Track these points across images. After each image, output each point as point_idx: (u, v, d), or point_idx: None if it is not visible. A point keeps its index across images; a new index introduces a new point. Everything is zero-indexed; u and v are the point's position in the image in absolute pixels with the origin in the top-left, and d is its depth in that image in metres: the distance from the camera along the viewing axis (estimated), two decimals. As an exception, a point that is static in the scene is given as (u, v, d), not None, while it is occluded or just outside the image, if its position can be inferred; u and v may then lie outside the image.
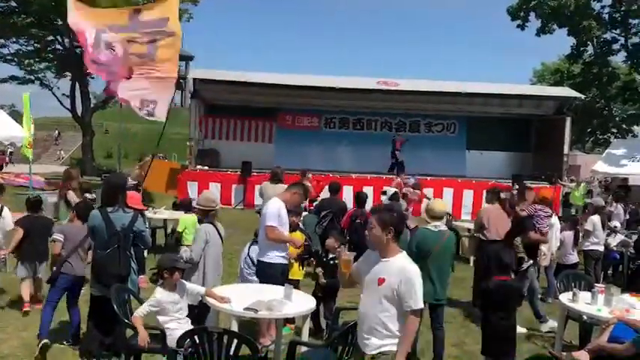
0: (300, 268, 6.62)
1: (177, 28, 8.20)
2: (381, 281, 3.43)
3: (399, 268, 3.42)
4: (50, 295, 5.54)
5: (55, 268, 5.52)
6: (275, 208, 5.51)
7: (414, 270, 3.45)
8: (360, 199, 9.17)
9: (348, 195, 12.97)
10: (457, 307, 7.69)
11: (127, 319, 4.79)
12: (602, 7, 25.85)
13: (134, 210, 5.29)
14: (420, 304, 3.40)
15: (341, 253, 4.08)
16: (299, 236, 6.37)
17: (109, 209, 5.06)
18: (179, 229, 7.42)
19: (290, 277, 6.17)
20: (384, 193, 12.04)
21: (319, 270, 6.31)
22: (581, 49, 27.49)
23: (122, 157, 27.55)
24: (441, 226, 5.53)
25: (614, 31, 26.28)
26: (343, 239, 6.68)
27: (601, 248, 9.00)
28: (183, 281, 4.81)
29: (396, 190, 12.06)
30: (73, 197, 7.72)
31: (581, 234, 8.94)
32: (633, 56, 25.90)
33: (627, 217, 12.32)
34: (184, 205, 8.63)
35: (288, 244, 5.74)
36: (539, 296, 8.47)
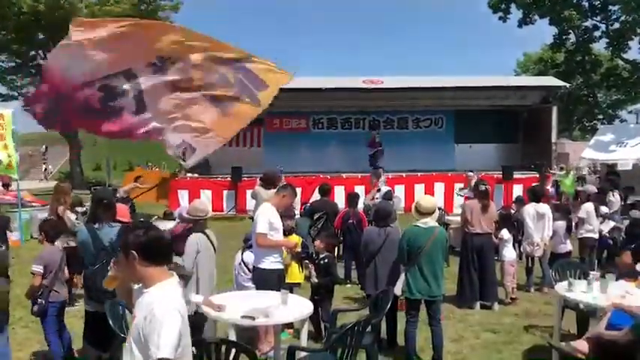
0: (300, 270, 6.60)
1: (266, 101, 6.72)
2: (133, 319, 2.60)
3: (148, 302, 2.51)
4: (47, 327, 5.40)
5: (41, 301, 5.30)
6: (265, 215, 5.50)
7: (164, 305, 2.47)
8: (351, 199, 9.16)
9: (339, 195, 12.96)
10: (454, 301, 7.68)
11: (122, 333, 4.74)
12: (582, -6, 26.09)
13: (121, 223, 5.24)
14: (165, 353, 2.36)
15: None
16: (295, 239, 6.36)
17: (96, 225, 5.03)
18: None
19: (290, 280, 6.15)
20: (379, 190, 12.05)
21: (311, 271, 6.27)
22: (564, 37, 27.68)
23: (111, 169, 27.37)
24: (430, 222, 5.51)
25: (594, 18, 26.47)
26: (335, 240, 6.67)
27: (595, 235, 9.05)
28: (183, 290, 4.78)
29: (389, 188, 12.07)
30: (63, 212, 7.60)
31: (574, 222, 8.99)
32: (614, 42, 26.11)
33: (622, 203, 12.31)
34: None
35: (283, 248, 5.73)
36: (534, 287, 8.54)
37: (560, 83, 20.00)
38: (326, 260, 6.07)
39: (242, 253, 6.15)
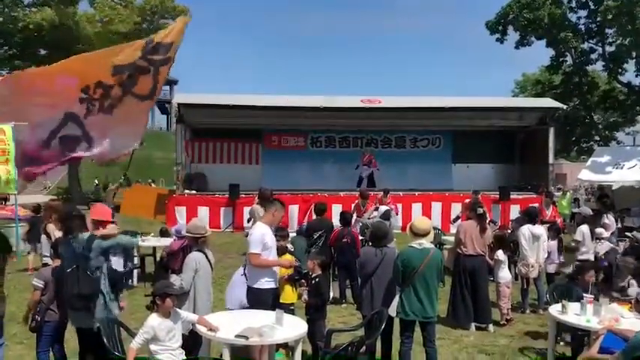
0: (294, 290, 6.58)
1: (174, 53, 7.42)
2: None
3: None
4: (40, 345, 5.34)
5: (38, 317, 5.23)
6: (259, 234, 5.53)
7: None
8: (344, 218, 9.14)
9: (337, 213, 12.96)
10: (448, 323, 7.67)
11: (117, 351, 4.75)
12: (579, 17, 26.39)
13: (104, 223, 5.32)
14: None
15: None
16: (288, 258, 6.36)
17: (70, 236, 5.19)
18: None
19: (284, 300, 6.14)
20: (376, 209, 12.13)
21: (303, 289, 6.25)
22: (560, 59, 27.91)
23: (109, 183, 27.42)
24: (425, 243, 5.55)
25: (590, 41, 26.74)
26: (324, 259, 6.64)
27: (592, 257, 9.04)
28: (177, 309, 4.79)
29: (389, 207, 12.12)
30: (53, 230, 7.58)
31: (572, 243, 9.04)
32: (610, 65, 26.34)
33: (619, 225, 12.33)
34: None
35: (277, 267, 5.75)
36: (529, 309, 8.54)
37: (557, 105, 20.15)
38: (317, 280, 6.07)
39: (244, 270, 6.10)
